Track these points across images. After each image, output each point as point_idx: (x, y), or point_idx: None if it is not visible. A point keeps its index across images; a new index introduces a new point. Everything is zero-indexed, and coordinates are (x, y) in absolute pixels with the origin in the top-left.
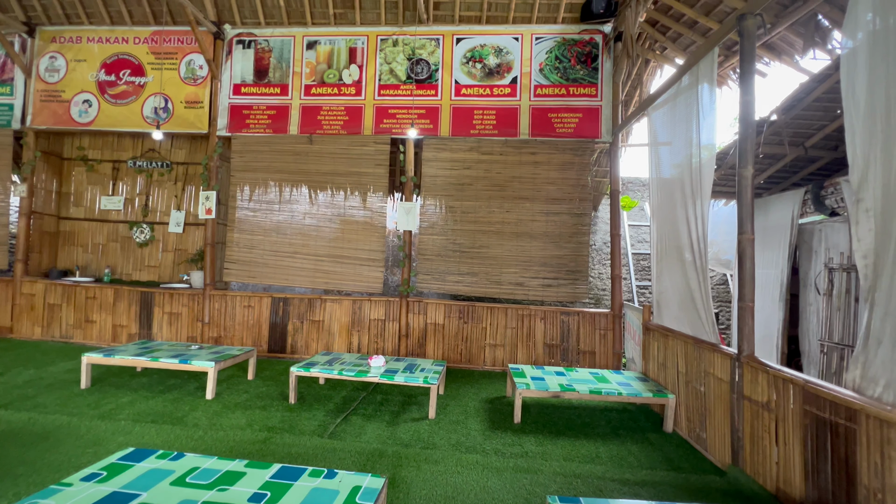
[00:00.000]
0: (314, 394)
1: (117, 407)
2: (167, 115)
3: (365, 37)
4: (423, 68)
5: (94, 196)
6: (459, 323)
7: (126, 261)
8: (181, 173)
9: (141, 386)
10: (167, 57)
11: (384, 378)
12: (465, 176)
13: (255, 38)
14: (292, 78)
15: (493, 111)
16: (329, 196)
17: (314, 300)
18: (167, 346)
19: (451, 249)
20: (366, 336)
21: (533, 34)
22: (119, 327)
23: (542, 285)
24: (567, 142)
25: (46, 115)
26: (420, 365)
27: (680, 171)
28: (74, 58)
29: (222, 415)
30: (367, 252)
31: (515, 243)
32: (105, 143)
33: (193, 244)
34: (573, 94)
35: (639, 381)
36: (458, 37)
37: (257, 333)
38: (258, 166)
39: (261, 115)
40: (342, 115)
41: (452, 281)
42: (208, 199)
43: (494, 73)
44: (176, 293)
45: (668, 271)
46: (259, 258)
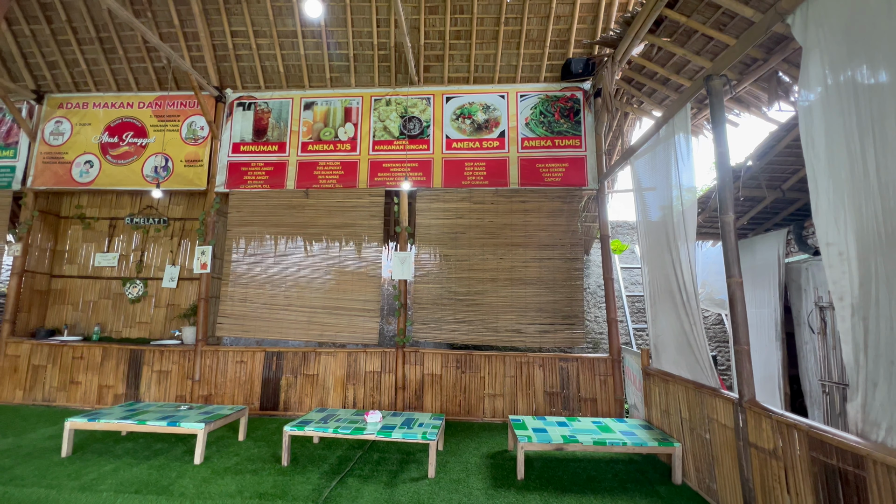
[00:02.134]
0: (308, 454)
1: (99, 476)
2: (167, 173)
3: (360, 97)
4: (416, 125)
5: (89, 253)
6: (457, 373)
7: (117, 318)
8: (178, 228)
9: (126, 452)
10: (170, 119)
11: (381, 435)
12: (458, 225)
13: (255, 101)
14: (290, 136)
15: (483, 163)
16: (324, 247)
17: (308, 353)
18: (155, 406)
19: (446, 297)
20: (361, 389)
21: (518, 92)
22: (105, 388)
23: (539, 331)
24: (555, 190)
25: (48, 175)
26: (418, 419)
27: (664, 215)
28: (80, 122)
29: (211, 482)
30: (362, 302)
31: (510, 290)
32: (104, 201)
33: (187, 299)
34: (559, 146)
35: (643, 430)
36: (448, 96)
37: (249, 390)
38: (255, 220)
39: (258, 172)
40: (338, 169)
41: (449, 329)
42: (204, 254)
43: (483, 127)
44: (166, 350)
45: (663, 314)
46: (253, 311)
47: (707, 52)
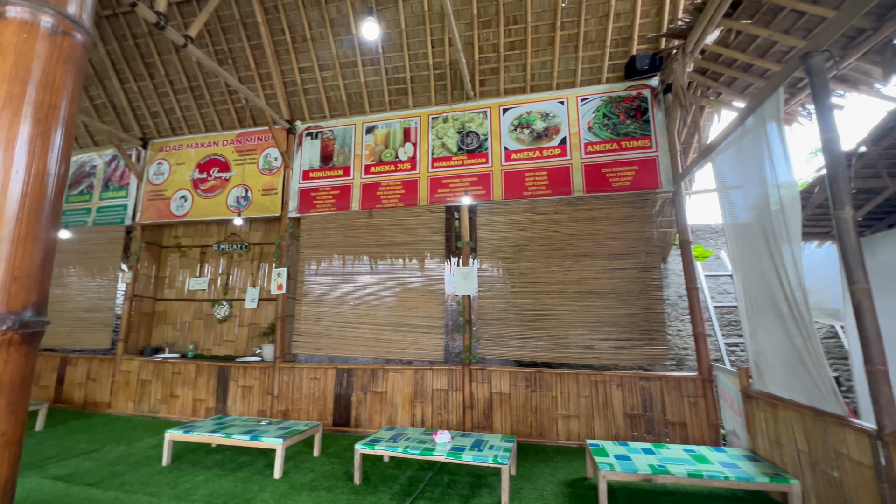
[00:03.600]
0: (379, 473)
1: (193, 486)
2: (247, 202)
3: (418, 117)
4: (473, 139)
5: (185, 278)
6: (527, 392)
7: (208, 336)
8: (257, 253)
9: (215, 463)
10: (249, 153)
11: (451, 457)
12: (520, 237)
13: (321, 130)
14: (353, 160)
15: (544, 172)
16: (389, 265)
17: (377, 370)
18: (240, 421)
19: (511, 313)
20: (429, 407)
21: (578, 96)
22: (199, 401)
23: (615, 347)
24: (625, 195)
25: (151, 211)
26: (488, 441)
27: (759, 215)
28: (176, 162)
29: (289, 497)
30: (426, 319)
31: (580, 303)
32: (196, 231)
33: (266, 318)
34: (626, 148)
35: (748, 462)
36: (505, 107)
37: (323, 406)
38: (324, 242)
39: (326, 196)
40: (399, 188)
41: (516, 346)
42: (280, 276)
43: (542, 136)
44: (249, 367)
45: (764, 328)
46: (324, 329)
47: (798, 30)
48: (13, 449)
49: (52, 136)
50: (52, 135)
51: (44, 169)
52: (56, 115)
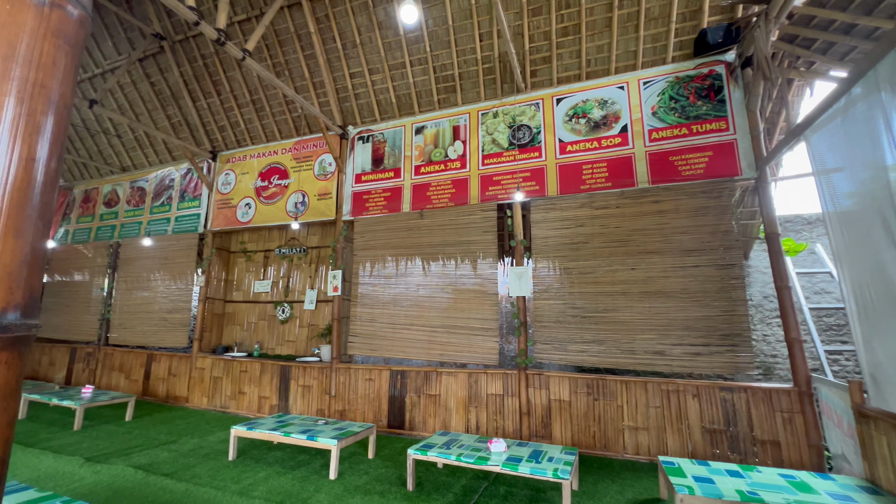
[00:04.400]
0: (433, 479)
1: (254, 482)
2: (304, 207)
3: (467, 114)
4: (525, 133)
5: (250, 281)
6: (588, 399)
7: (271, 336)
8: (314, 256)
9: (276, 460)
10: (305, 160)
11: (507, 468)
12: (579, 234)
13: (372, 133)
14: (403, 161)
15: (603, 164)
16: (441, 266)
17: (430, 373)
18: (298, 420)
19: (570, 315)
20: (484, 413)
21: (640, 79)
22: (263, 399)
23: (689, 353)
24: (697, 184)
25: (220, 218)
26: (547, 452)
27: (873, 200)
28: (241, 172)
29: (343, 500)
30: (480, 321)
31: (647, 304)
32: (259, 236)
33: (323, 319)
34: (697, 133)
35: (867, 495)
36: (558, 97)
37: (378, 407)
38: (376, 244)
39: (378, 198)
40: (449, 188)
41: (575, 350)
42: (335, 278)
43: (601, 125)
44: (308, 366)
45: (882, 334)
46: (379, 331)
47: None
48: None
49: (40, 118)
50: (38, 116)
51: (29, 154)
52: (45, 94)
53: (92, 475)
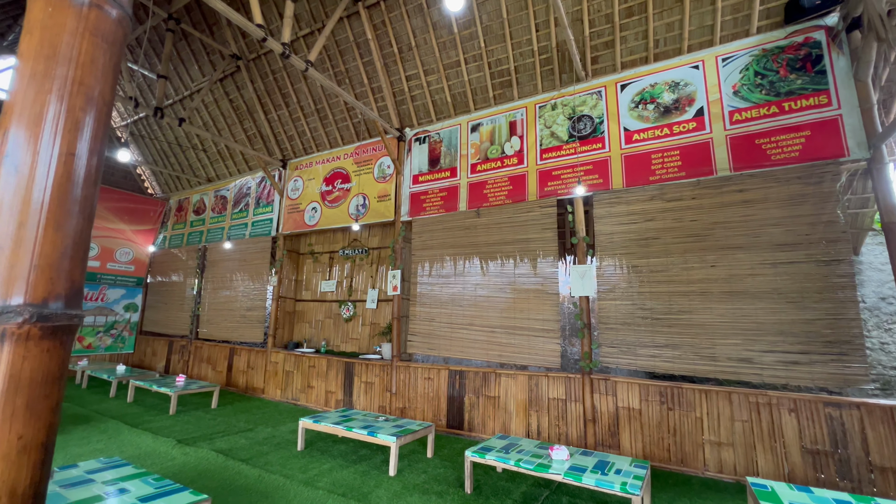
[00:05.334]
0: (491, 484)
1: (319, 473)
2: (365, 210)
3: (523, 108)
4: (586, 124)
5: (317, 281)
6: (662, 409)
7: (336, 334)
8: (375, 257)
9: (339, 453)
10: (365, 163)
11: (569, 477)
12: (648, 229)
13: (428, 134)
14: (459, 160)
15: (675, 152)
16: (499, 265)
17: (489, 374)
18: (361, 415)
19: (639, 316)
20: (545, 417)
21: (718, 56)
22: (329, 393)
23: (783, 362)
24: (791, 169)
25: (290, 222)
26: (614, 463)
27: None
28: (308, 178)
29: (401, 497)
30: (540, 322)
31: (730, 306)
32: (325, 238)
33: (384, 318)
34: (791, 111)
35: None
36: (623, 83)
37: (437, 406)
38: (434, 244)
39: (434, 198)
40: (506, 185)
41: (646, 355)
42: (395, 278)
43: (672, 110)
44: (370, 364)
45: None
46: (437, 330)
47: None
48: (34, 454)
49: (80, 114)
50: (78, 112)
51: (69, 149)
52: (84, 92)
53: (181, 456)
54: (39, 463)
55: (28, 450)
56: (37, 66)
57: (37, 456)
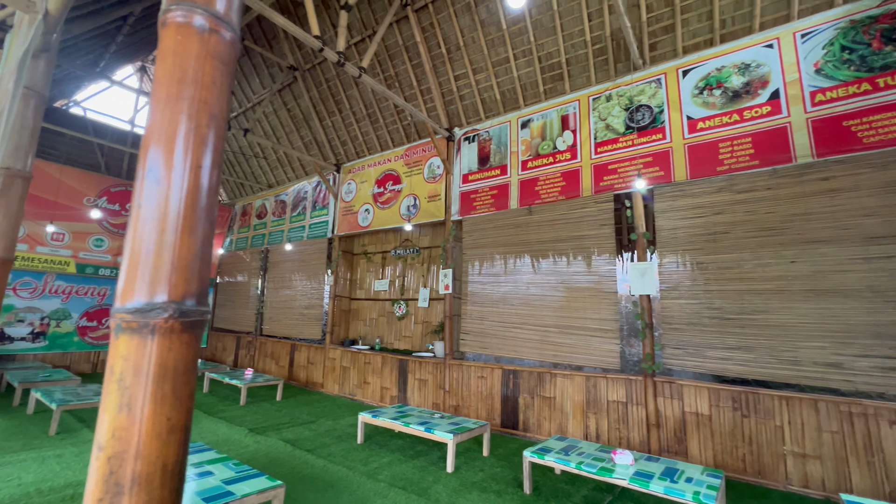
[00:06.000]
0: (550, 485)
1: (379, 466)
2: (416, 210)
3: (576, 102)
4: (644, 114)
5: (371, 280)
6: (735, 415)
7: (390, 332)
8: (426, 256)
9: (397, 448)
10: (415, 165)
11: (635, 483)
12: (715, 223)
13: (477, 133)
14: (510, 157)
15: (746, 139)
16: (551, 263)
17: (544, 374)
18: (416, 412)
19: (706, 316)
20: (604, 420)
21: (795, 33)
22: (384, 389)
23: (882, 368)
24: (888, 153)
25: (345, 224)
26: (684, 471)
27: None
28: (360, 181)
29: (460, 493)
30: (597, 321)
31: (814, 305)
32: (377, 239)
33: (436, 317)
34: (887, 87)
35: None
36: (685, 69)
37: (491, 405)
38: (485, 242)
39: (485, 197)
40: (559, 181)
41: (715, 357)
42: (446, 277)
43: (742, 94)
44: (423, 361)
45: None
46: (489, 329)
47: None
48: (179, 434)
49: (205, 131)
50: (203, 129)
51: (197, 163)
52: (207, 110)
53: (253, 444)
54: (183, 442)
55: (174, 430)
56: (171, 90)
57: (181, 435)
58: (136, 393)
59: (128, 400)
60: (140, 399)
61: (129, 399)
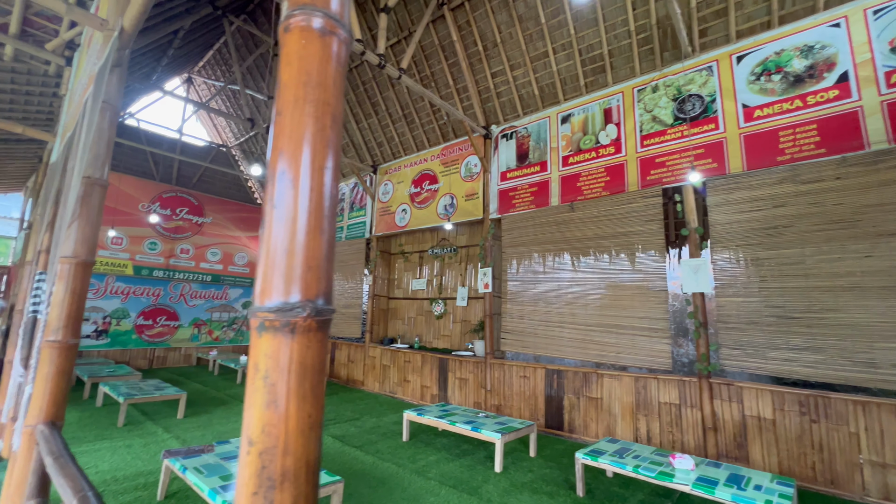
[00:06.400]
0: (604, 489)
1: (427, 465)
2: (453, 209)
3: (619, 94)
4: (695, 104)
5: (408, 280)
6: (803, 420)
7: (428, 331)
8: (464, 255)
9: (443, 446)
10: (452, 164)
11: (698, 489)
12: (776, 216)
13: (515, 129)
14: (549, 154)
15: (811, 126)
16: (595, 261)
17: (589, 374)
18: (460, 410)
19: (767, 315)
20: (656, 423)
21: (866, 10)
22: (425, 388)
23: None
24: None
25: (382, 224)
26: (751, 478)
27: None
28: (397, 181)
29: (511, 494)
30: (646, 320)
31: (893, 303)
32: (414, 239)
33: (475, 315)
34: None
35: None
36: (739, 55)
37: (534, 405)
38: (524, 241)
39: (524, 194)
40: (602, 176)
41: (778, 359)
42: (485, 275)
43: (805, 78)
44: (463, 360)
45: None
46: (530, 328)
47: None
48: (317, 430)
49: (328, 132)
50: (327, 131)
51: (321, 163)
52: (329, 111)
53: None
54: (319, 438)
55: (314, 427)
56: (298, 93)
57: (318, 431)
58: (280, 390)
59: (274, 397)
60: (285, 396)
61: (275, 396)
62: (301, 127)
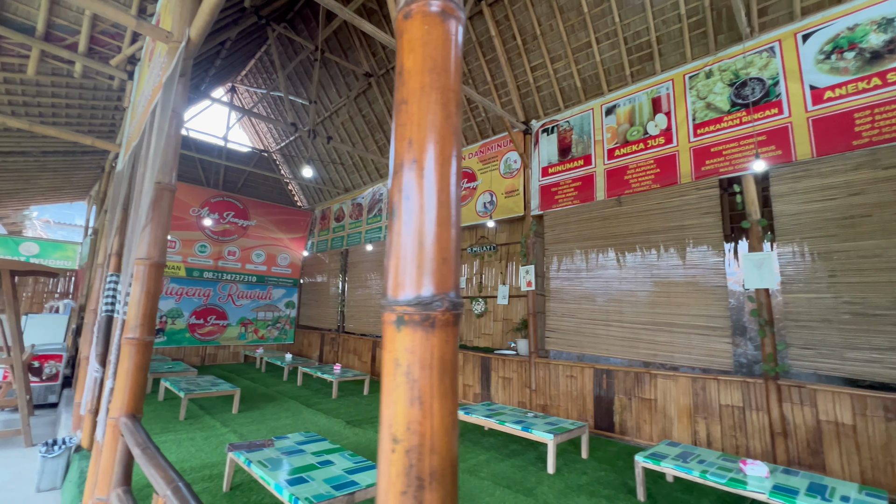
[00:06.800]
0: (665, 494)
1: (477, 464)
2: (492, 206)
3: (669, 82)
4: (755, 88)
5: None
6: (889, 427)
7: (469, 329)
8: (504, 253)
9: (491, 446)
10: (490, 161)
11: (776, 498)
12: (851, 206)
13: (556, 123)
14: (594, 147)
15: (892, 106)
16: (643, 257)
17: (641, 374)
18: (507, 410)
19: (842, 312)
20: (717, 426)
21: None
22: (467, 386)
23: None
24: None
25: None
26: (835, 488)
27: None
28: None
29: (567, 496)
30: (703, 318)
31: None
32: None
33: (517, 314)
34: None
35: None
36: (804, 33)
37: (582, 406)
38: (568, 237)
39: (567, 189)
40: (652, 168)
41: (857, 360)
42: (528, 273)
43: (883, 54)
44: (506, 359)
45: None
46: (575, 327)
47: None
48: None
49: (454, 119)
50: (453, 118)
51: (445, 153)
52: (451, 96)
53: (353, 435)
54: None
55: (455, 425)
56: (423, 80)
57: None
58: (423, 386)
59: (418, 393)
60: (428, 393)
61: (419, 392)
62: (428, 115)
